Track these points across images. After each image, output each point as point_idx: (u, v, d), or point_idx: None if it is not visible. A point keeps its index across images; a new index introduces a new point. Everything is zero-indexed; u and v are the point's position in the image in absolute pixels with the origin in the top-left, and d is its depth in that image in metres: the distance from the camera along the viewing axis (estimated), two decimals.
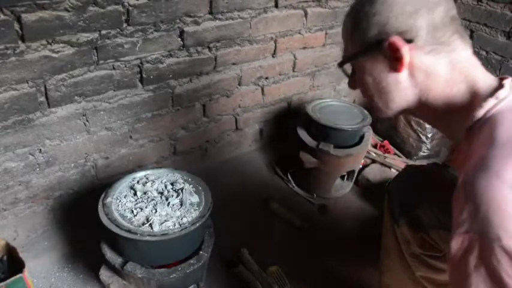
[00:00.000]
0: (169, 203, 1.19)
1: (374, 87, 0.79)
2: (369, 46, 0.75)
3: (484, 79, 0.73)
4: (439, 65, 0.73)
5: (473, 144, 0.68)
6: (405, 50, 0.71)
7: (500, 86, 0.70)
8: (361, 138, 1.79)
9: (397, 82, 0.76)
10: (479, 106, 0.69)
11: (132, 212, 1.16)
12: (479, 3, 1.99)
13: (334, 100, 1.91)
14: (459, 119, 0.73)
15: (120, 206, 1.18)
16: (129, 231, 1.09)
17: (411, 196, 1.05)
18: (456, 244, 0.61)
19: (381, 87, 0.78)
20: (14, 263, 1.21)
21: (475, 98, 0.72)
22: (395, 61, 0.73)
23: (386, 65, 0.75)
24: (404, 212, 1.05)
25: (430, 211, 1.00)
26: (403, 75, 0.75)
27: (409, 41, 0.71)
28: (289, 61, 1.92)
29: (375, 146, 2.11)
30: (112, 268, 1.19)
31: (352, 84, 0.87)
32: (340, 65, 0.84)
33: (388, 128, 2.20)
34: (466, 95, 0.73)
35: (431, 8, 0.72)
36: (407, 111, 0.82)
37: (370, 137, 1.84)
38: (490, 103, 0.68)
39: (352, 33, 0.79)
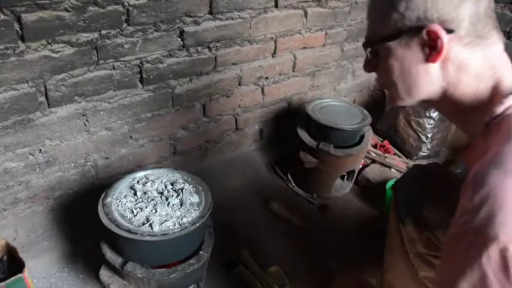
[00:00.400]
0: (169, 203, 1.19)
1: (399, 74, 0.75)
2: (404, 31, 0.70)
3: (510, 77, 0.71)
4: (473, 59, 0.70)
5: (489, 140, 0.66)
6: (446, 40, 0.67)
7: None
8: (361, 138, 1.79)
9: (426, 72, 0.72)
10: (499, 102, 0.68)
11: (132, 212, 1.16)
12: None
13: (334, 100, 1.91)
14: (478, 115, 0.71)
15: (120, 206, 1.18)
16: (129, 231, 1.09)
17: (417, 196, 1.04)
18: (451, 234, 0.60)
19: (407, 75, 0.74)
20: (14, 263, 1.21)
21: (496, 94, 0.70)
22: (431, 51, 0.69)
23: (419, 53, 0.71)
24: (410, 211, 1.04)
25: (435, 211, 1.00)
26: (434, 66, 0.71)
27: (449, 31, 0.67)
28: (289, 61, 1.92)
29: (374, 146, 2.11)
30: (112, 268, 1.19)
31: (369, 67, 0.81)
32: (366, 46, 0.79)
33: (388, 128, 2.20)
34: (489, 91, 0.71)
35: None
36: (426, 102, 0.79)
37: (370, 137, 1.84)
38: (511, 100, 0.67)
39: (386, 14, 0.72)
